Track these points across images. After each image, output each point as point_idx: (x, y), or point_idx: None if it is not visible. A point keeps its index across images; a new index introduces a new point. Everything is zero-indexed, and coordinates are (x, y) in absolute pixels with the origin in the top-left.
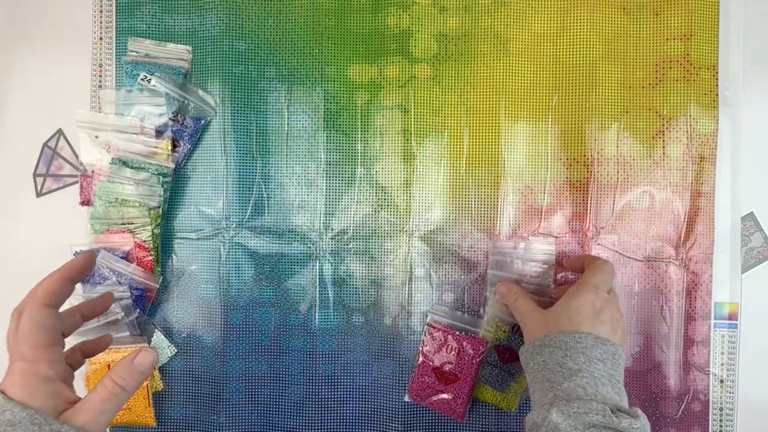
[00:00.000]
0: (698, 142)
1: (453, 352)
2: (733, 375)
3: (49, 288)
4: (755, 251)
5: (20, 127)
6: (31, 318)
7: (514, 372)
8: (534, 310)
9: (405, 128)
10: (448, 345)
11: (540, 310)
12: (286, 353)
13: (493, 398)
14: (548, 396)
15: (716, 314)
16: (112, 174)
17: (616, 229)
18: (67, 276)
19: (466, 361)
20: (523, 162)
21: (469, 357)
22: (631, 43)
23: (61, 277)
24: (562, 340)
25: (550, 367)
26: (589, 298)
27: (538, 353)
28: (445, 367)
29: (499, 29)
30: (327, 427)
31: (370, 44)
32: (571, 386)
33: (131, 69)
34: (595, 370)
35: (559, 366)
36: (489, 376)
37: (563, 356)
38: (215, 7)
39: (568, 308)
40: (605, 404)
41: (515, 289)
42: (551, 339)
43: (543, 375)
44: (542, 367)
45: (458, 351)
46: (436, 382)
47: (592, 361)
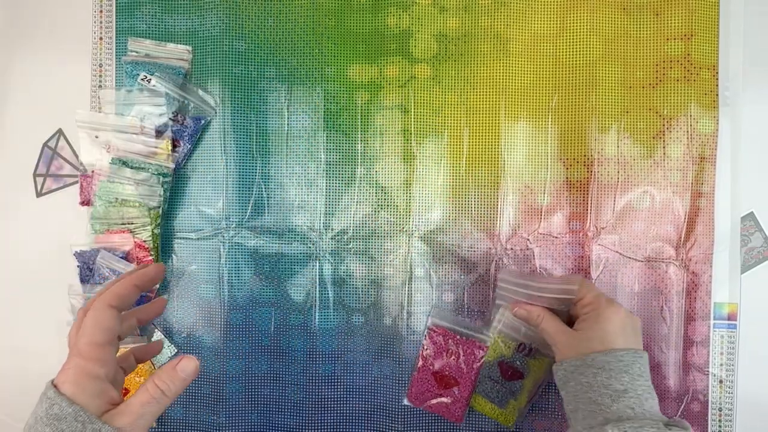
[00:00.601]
0: (698, 143)
1: (453, 356)
2: (732, 375)
3: (117, 291)
4: (755, 251)
5: (20, 127)
6: (94, 316)
7: (515, 390)
8: (564, 331)
9: (405, 128)
10: (449, 349)
11: (571, 332)
12: (286, 353)
13: (491, 412)
14: (597, 418)
15: (716, 315)
16: (112, 174)
17: (616, 230)
18: (137, 284)
19: (466, 366)
20: (523, 162)
21: (469, 361)
22: (631, 43)
23: (131, 283)
24: (604, 360)
25: (596, 389)
26: (613, 312)
27: (581, 374)
28: (445, 371)
29: (499, 29)
30: (327, 427)
31: (370, 44)
32: (620, 408)
33: (131, 69)
34: (638, 387)
35: (605, 388)
36: (490, 391)
37: (608, 377)
38: (215, 7)
39: (599, 329)
40: (657, 420)
41: (537, 311)
42: (593, 359)
43: (588, 396)
44: (587, 389)
45: (458, 355)
46: (435, 385)
47: (635, 378)
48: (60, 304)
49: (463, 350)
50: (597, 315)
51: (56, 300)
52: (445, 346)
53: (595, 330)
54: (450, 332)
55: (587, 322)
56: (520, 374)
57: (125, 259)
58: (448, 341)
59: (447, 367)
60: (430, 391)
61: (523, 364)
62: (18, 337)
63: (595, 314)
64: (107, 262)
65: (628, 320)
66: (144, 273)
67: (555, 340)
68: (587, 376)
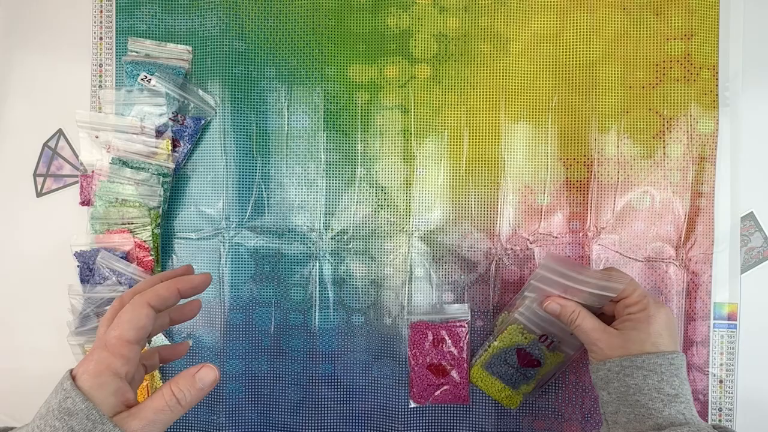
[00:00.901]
0: (698, 143)
1: (440, 343)
2: (732, 375)
3: (159, 292)
4: (755, 251)
5: (20, 127)
6: (131, 312)
7: (530, 376)
8: (604, 330)
9: (405, 128)
10: (432, 339)
11: (612, 331)
12: (286, 353)
13: (498, 393)
14: (647, 423)
15: (716, 314)
16: (112, 174)
17: (616, 230)
18: (181, 289)
19: (455, 347)
20: (523, 162)
21: (456, 342)
22: (631, 43)
23: (175, 287)
24: (655, 362)
25: (646, 392)
26: (662, 313)
27: (628, 375)
28: (437, 360)
29: (499, 29)
30: (327, 427)
31: (370, 44)
32: (672, 413)
33: (131, 69)
34: (687, 392)
35: (656, 392)
36: (504, 374)
37: (659, 380)
38: (215, 7)
39: (648, 330)
40: (706, 427)
41: (572, 306)
42: (644, 361)
43: (636, 399)
44: (635, 391)
45: (444, 340)
46: (433, 377)
47: (684, 382)
48: (60, 304)
49: (447, 334)
50: (647, 316)
51: (56, 300)
52: (427, 337)
53: (643, 331)
54: (429, 323)
55: (634, 322)
56: (537, 363)
57: (125, 259)
58: (428, 333)
59: (438, 355)
60: (431, 384)
61: (541, 353)
62: (18, 337)
63: (645, 315)
64: (107, 262)
65: (673, 321)
66: (189, 280)
67: (593, 339)
68: (636, 378)
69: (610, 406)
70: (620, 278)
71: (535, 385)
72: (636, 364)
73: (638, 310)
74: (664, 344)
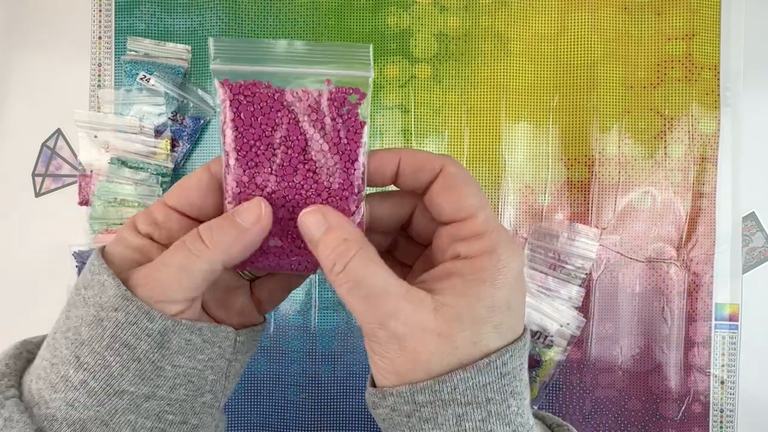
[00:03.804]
0: (700, 143)
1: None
2: (733, 376)
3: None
4: (756, 251)
5: (19, 126)
6: (186, 178)
7: (531, 378)
8: (406, 295)
9: (405, 128)
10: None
11: (420, 296)
12: (286, 354)
13: None
14: None
15: (717, 315)
16: (110, 174)
17: (617, 230)
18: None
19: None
20: (523, 162)
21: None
22: (632, 43)
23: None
24: (478, 383)
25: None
26: (516, 262)
27: (428, 419)
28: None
29: (499, 29)
30: (327, 427)
31: (370, 44)
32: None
33: (130, 68)
34: (525, 410)
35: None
36: None
37: (483, 418)
38: (215, 7)
39: (494, 303)
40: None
41: (341, 232)
42: (455, 387)
43: None
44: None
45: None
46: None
47: (524, 390)
48: (58, 304)
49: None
50: (495, 265)
51: (54, 300)
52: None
53: (483, 298)
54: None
55: (468, 277)
56: (537, 362)
57: None
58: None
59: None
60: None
61: (538, 351)
62: (16, 337)
63: (492, 263)
64: None
65: (524, 276)
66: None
67: (380, 316)
68: (441, 425)
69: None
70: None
71: (538, 387)
72: (442, 396)
73: (481, 248)
74: (512, 325)
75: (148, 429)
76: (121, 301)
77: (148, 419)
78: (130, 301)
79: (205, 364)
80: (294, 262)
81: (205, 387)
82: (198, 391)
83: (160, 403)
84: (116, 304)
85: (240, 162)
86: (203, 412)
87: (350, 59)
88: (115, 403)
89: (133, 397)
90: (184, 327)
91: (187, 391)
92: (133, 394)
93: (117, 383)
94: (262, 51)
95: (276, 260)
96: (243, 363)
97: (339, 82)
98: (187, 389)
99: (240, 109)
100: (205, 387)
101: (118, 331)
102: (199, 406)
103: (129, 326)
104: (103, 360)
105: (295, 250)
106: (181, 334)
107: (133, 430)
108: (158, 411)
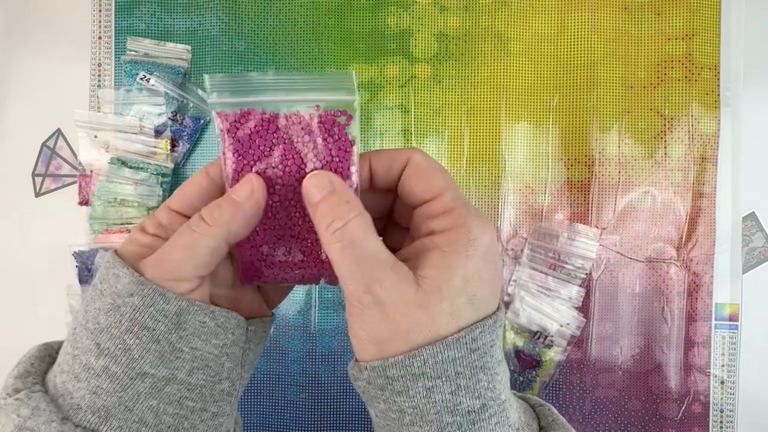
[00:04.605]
0: (700, 143)
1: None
2: (733, 376)
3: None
4: (756, 251)
5: (19, 126)
6: (199, 180)
7: (531, 378)
8: (393, 265)
9: (405, 128)
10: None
11: (403, 269)
12: (286, 354)
13: None
14: None
15: (717, 315)
16: (110, 174)
17: (617, 230)
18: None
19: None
20: (523, 162)
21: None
22: (632, 43)
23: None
24: (448, 356)
25: (432, 418)
26: (487, 234)
27: (400, 392)
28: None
29: (499, 29)
30: (327, 427)
31: (370, 44)
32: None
33: (130, 68)
34: (500, 383)
35: (450, 413)
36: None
37: (453, 391)
38: (215, 7)
39: (467, 274)
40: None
41: (353, 199)
42: (425, 361)
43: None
44: (413, 420)
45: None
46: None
47: (497, 366)
48: (58, 304)
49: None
50: (466, 237)
51: (54, 300)
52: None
53: (456, 268)
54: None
55: (443, 250)
56: (537, 362)
57: None
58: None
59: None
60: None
61: (539, 352)
62: (16, 338)
63: (462, 234)
64: None
65: (497, 247)
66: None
67: (363, 281)
68: (413, 396)
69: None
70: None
71: (538, 387)
72: (412, 370)
73: (452, 222)
74: (485, 297)
75: (170, 415)
76: (135, 287)
77: (170, 405)
78: (144, 285)
79: (221, 349)
80: (298, 275)
81: (222, 374)
82: (216, 377)
83: (180, 388)
84: (131, 289)
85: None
86: (222, 399)
87: (336, 85)
88: (137, 387)
89: (154, 380)
90: (198, 308)
91: (205, 376)
92: (154, 376)
93: (138, 366)
94: (254, 83)
95: (281, 273)
96: (256, 354)
97: (328, 106)
98: (205, 374)
99: (238, 133)
100: (222, 373)
101: (136, 314)
102: (218, 393)
103: (146, 309)
104: (123, 343)
105: (299, 263)
106: (195, 315)
107: (156, 415)
108: (179, 396)
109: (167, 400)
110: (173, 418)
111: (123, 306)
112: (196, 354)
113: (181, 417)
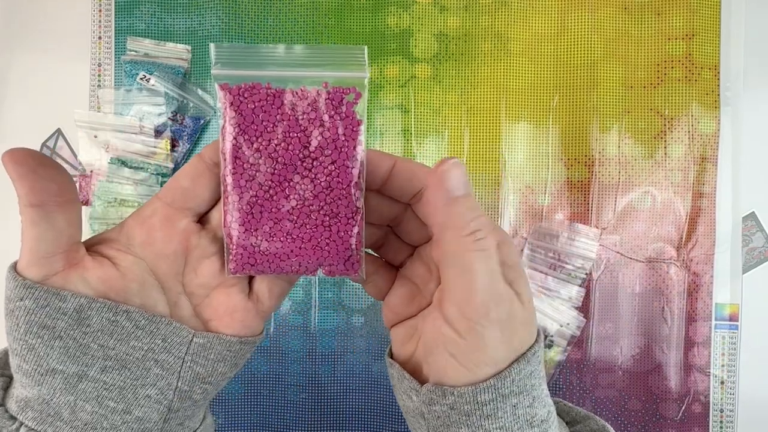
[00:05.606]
0: (700, 143)
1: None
2: (733, 376)
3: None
4: (756, 251)
5: (19, 126)
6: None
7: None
8: (513, 293)
9: (405, 128)
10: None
11: (514, 293)
12: (286, 354)
13: None
14: None
15: (717, 315)
16: (110, 174)
17: (617, 230)
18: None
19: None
20: (523, 162)
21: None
22: (632, 43)
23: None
24: (525, 371)
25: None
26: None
27: (490, 415)
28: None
29: (499, 29)
30: (327, 427)
31: (370, 44)
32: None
33: (130, 68)
34: (547, 393)
35: (529, 425)
36: None
37: (530, 403)
38: (214, 7)
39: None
40: None
41: (478, 206)
42: (513, 381)
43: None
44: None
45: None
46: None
47: (543, 380)
48: None
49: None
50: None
51: None
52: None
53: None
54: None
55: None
56: None
57: None
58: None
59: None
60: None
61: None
62: None
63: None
64: None
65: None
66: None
67: (488, 286)
68: (501, 417)
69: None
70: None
71: None
72: (503, 392)
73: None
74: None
75: (88, 412)
76: (24, 290)
77: (88, 402)
78: (34, 288)
79: (144, 353)
80: (294, 264)
81: (147, 379)
82: (138, 381)
83: (95, 386)
84: (21, 294)
85: (242, 159)
86: (147, 405)
87: (346, 61)
88: (50, 383)
89: (65, 376)
90: (102, 305)
91: (123, 377)
92: (63, 372)
93: (45, 362)
94: (261, 55)
95: (276, 261)
96: (210, 372)
97: (336, 82)
98: (122, 375)
99: (241, 107)
100: (147, 378)
101: (31, 317)
102: (142, 399)
103: (41, 309)
104: (26, 343)
105: (296, 251)
106: (100, 312)
107: (73, 411)
108: (96, 395)
109: (84, 397)
110: (91, 416)
111: (16, 310)
112: (109, 353)
113: (99, 416)
